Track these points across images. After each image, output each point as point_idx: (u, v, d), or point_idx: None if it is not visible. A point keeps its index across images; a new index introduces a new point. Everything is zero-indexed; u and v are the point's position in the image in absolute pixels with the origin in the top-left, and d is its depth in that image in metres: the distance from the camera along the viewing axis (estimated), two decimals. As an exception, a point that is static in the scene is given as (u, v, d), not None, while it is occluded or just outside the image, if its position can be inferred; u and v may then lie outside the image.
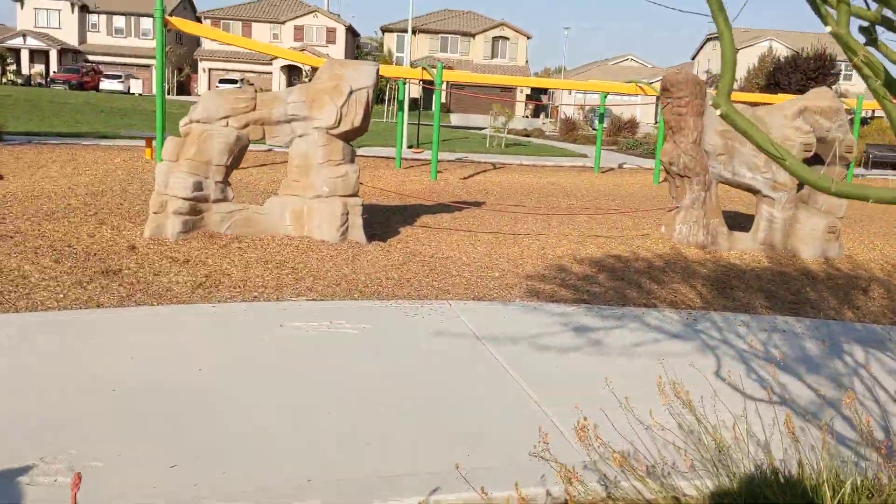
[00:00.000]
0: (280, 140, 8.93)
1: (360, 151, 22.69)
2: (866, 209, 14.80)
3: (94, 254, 7.63)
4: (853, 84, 65.23)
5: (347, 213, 8.93)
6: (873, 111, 35.09)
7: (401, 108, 19.66)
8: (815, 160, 10.19)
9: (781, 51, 62.13)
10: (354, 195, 9.03)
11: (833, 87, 52.69)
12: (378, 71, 9.01)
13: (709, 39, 75.22)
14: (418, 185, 15.42)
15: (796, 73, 53.06)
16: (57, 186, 11.66)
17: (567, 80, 28.61)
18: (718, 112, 2.19)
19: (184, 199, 8.45)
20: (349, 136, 8.99)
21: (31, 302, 6.02)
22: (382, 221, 10.72)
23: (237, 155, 8.80)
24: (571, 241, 10.16)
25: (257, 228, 8.92)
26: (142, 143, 17.82)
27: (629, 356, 5.46)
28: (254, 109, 8.77)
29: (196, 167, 8.58)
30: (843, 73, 58.95)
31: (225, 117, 8.70)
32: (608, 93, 20.94)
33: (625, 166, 23.80)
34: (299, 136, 8.90)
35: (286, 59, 23.83)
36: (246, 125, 8.78)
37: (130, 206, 10.27)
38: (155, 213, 8.57)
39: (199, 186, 8.55)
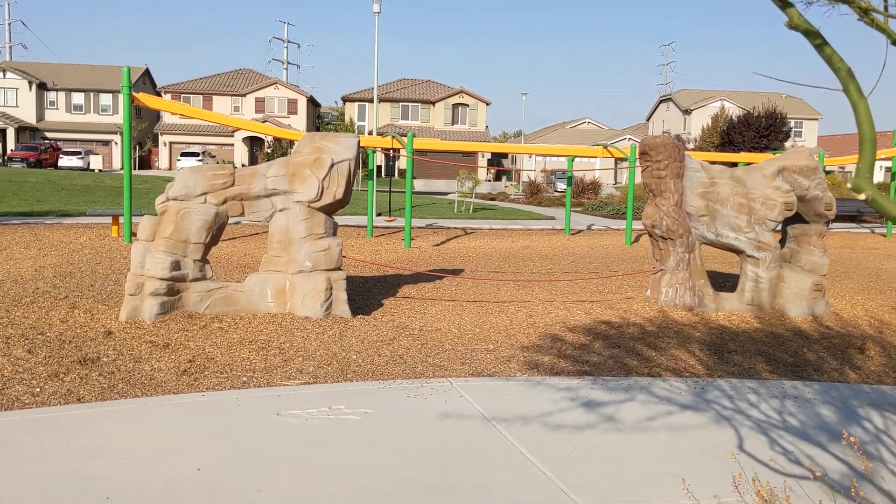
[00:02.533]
0: (260, 215, 8.71)
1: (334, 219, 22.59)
2: (841, 266, 14.92)
3: (69, 341, 7.25)
4: (803, 140, 67.32)
5: (331, 288, 8.68)
6: (832, 168, 35.99)
7: (370, 177, 19.57)
8: (795, 219, 10.23)
9: (733, 110, 63.93)
10: (338, 269, 8.79)
11: (786, 143, 54.29)
12: (359, 143, 8.88)
13: (661, 101, 77.27)
14: (393, 254, 15.23)
15: (749, 131, 54.52)
16: (23, 269, 11.24)
17: (534, 145, 28.95)
18: (862, 196, 2.00)
19: (161, 279, 8.15)
20: (331, 209, 8.80)
21: (5, 399, 5.62)
22: (363, 293, 10.47)
23: (216, 232, 8.54)
24: (558, 307, 9.99)
25: (238, 307, 8.61)
26: (107, 220, 17.44)
27: (645, 431, 5.23)
28: (232, 185, 8.56)
29: (174, 246, 8.30)
30: (793, 130, 60.65)
31: (203, 194, 8.47)
32: (575, 156, 21.13)
33: (593, 227, 23.91)
34: (280, 211, 8.68)
35: (250, 130, 23.68)
36: (224, 201, 8.55)
37: (102, 288, 9.90)
38: (131, 294, 8.23)
39: (177, 266, 8.26)
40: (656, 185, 10.18)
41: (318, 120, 70.87)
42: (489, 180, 60.24)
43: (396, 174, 59.32)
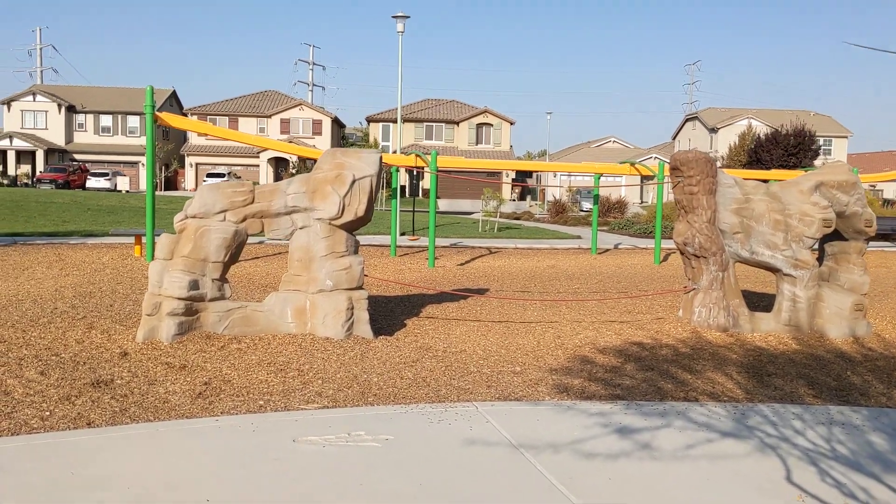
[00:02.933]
0: (280, 233, 8.50)
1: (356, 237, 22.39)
2: (879, 285, 14.44)
3: (84, 363, 7.05)
4: (833, 158, 66.38)
5: (352, 308, 8.44)
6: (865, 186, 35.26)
7: (394, 196, 19.39)
8: (834, 236, 9.85)
9: (760, 128, 63.25)
10: (359, 288, 8.55)
11: (815, 161, 53.50)
12: (381, 159, 8.67)
13: (687, 120, 76.73)
14: (417, 274, 14.98)
15: (777, 149, 53.81)
16: (43, 289, 11.13)
17: (560, 163, 28.69)
18: None
19: (179, 298, 7.95)
20: (352, 227, 8.57)
21: (13, 423, 5.41)
22: (386, 313, 10.21)
23: (235, 250, 8.34)
24: (586, 328, 9.66)
25: (257, 327, 8.39)
26: (130, 240, 17.40)
27: (684, 460, 4.90)
28: (252, 202, 8.37)
29: (192, 265, 8.11)
30: (822, 147, 59.76)
31: (222, 211, 8.29)
32: (601, 174, 20.83)
33: (621, 246, 23.53)
34: (300, 228, 8.47)
35: (275, 150, 23.75)
36: (244, 219, 8.36)
37: (121, 308, 9.74)
38: (148, 315, 8.04)
39: (195, 285, 8.06)
40: (688, 201, 9.86)
41: (343, 141, 71.16)
42: (513, 199, 59.99)
43: (420, 194, 59.28)
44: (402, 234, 24.49)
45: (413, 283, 13.57)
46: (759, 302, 11.72)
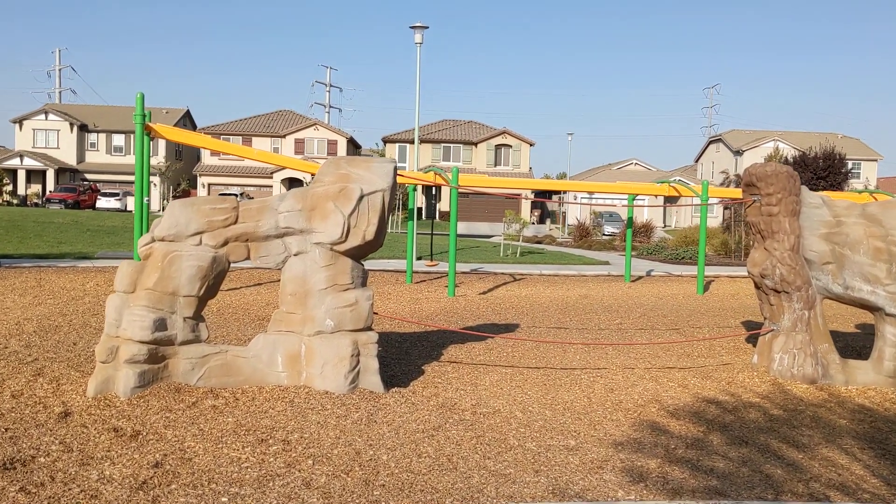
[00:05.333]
0: (270, 260, 6.87)
1: (366, 265, 20.76)
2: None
3: (7, 428, 5.42)
4: (859, 182, 64.35)
5: (358, 354, 6.77)
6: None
7: (410, 217, 17.77)
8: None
9: (787, 151, 61.41)
10: (367, 329, 6.89)
11: (843, 186, 51.56)
12: (395, 170, 7.04)
13: (710, 142, 74.92)
14: (435, 305, 13.30)
15: (806, 173, 51.83)
16: (3, 321, 9.55)
17: (589, 182, 27.10)
18: None
19: (141, 342, 6.33)
20: (360, 253, 6.93)
21: None
22: (400, 356, 8.54)
23: (213, 282, 6.71)
24: (642, 377, 7.95)
25: (240, 377, 6.74)
26: (118, 264, 15.84)
27: None
28: (235, 222, 6.75)
29: (158, 299, 6.49)
30: (851, 171, 57.66)
31: (198, 233, 6.67)
32: (636, 195, 19.13)
33: (653, 273, 21.76)
34: (295, 255, 6.84)
35: (283, 165, 22.29)
36: (225, 242, 6.74)
37: (86, 347, 8.15)
38: (103, 362, 6.42)
39: (161, 325, 6.43)
40: (766, 224, 8.16)
41: (359, 162, 69.81)
42: (533, 223, 58.31)
43: (437, 216, 57.74)
44: (419, 258, 22.86)
45: (431, 315, 11.89)
46: (842, 344, 9.95)
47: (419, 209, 54.95)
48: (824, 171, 51.93)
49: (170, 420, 5.78)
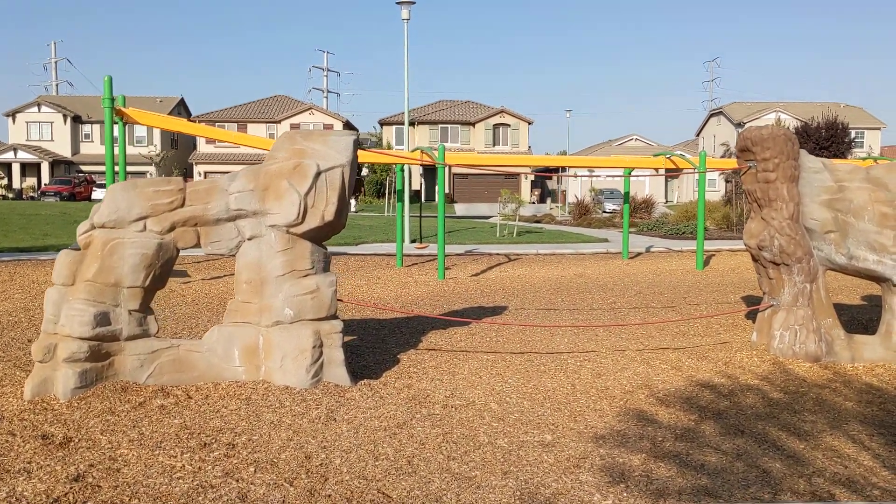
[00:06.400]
0: (222, 246, 6.32)
1: (356, 249, 20.16)
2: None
3: (-78, 439, 4.91)
4: (862, 151, 63.46)
5: (321, 345, 6.23)
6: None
7: (400, 199, 17.20)
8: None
9: (789, 121, 60.54)
10: (331, 318, 6.34)
11: (847, 155, 50.79)
12: (356, 143, 6.46)
13: (711, 115, 74.01)
14: (423, 288, 12.76)
15: (809, 143, 51.03)
16: (-44, 319, 9.04)
17: (586, 157, 26.46)
18: None
19: (81, 339, 5.80)
20: (319, 236, 6.38)
21: None
22: (376, 343, 8.02)
23: (160, 271, 6.17)
24: (633, 359, 7.41)
25: (194, 373, 6.22)
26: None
27: None
28: (182, 205, 6.20)
29: (100, 292, 5.95)
30: (854, 140, 56.67)
31: (141, 218, 6.12)
32: (632, 168, 18.50)
33: (653, 250, 21.19)
34: (249, 240, 6.29)
35: (264, 148, 21.64)
36: (172, 228, 6.19)
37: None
38: (40, 361, 5.89)
39: (103, 319, 5.90)
40: (763, 192, 7.58)
41: (356, 145, 69.13)
42: (533, 202, 57.66)
43: (436, 197, 57.21)
44: (413, 241, 22.33)
45: (416, 299, 11.35)
46: (848, 317, 9.39)
47: (416, 191, 54.37)
48: (827, 140, 51.14)
49: (109, 424, 5.26)
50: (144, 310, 6.19)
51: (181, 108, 64.69)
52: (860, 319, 9.54)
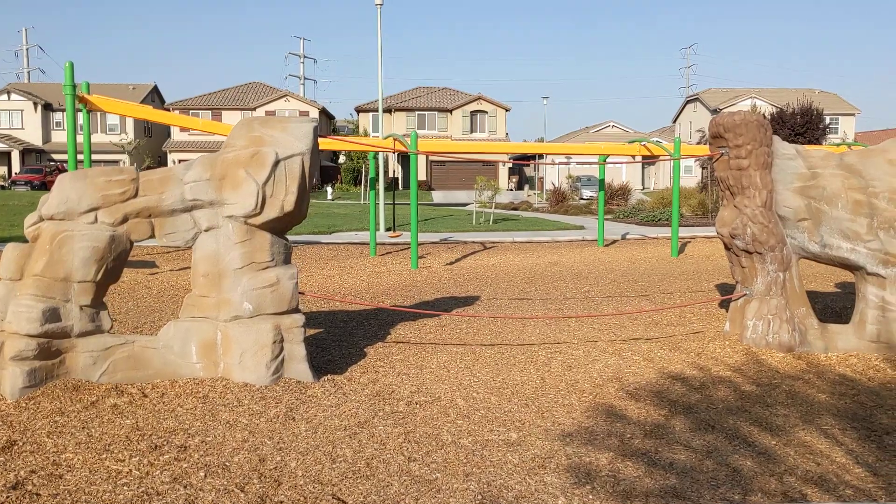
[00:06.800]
0: (178, 238, 6.08)
1: (330, 238, 19.89)
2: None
3: None
4: (837, 137, 63.87)
5: (282, 340, 6.02)
6: None
7: (372, 186, 16.95)
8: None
9: (765, 108, 60.77)
10: (292, 311, 6.13)
11: (823, 140, 51.08)
12: (316, 130, 6.23)
13: (688, 102, 74.13)
14: (396, 278, 12.56)
15: (784, 129, 51.27)
16: None
17: (561, 144, 26.26)
18: None
19: (29, 336, 5.54)
20: (279, 226, 6.15)
21: None
22: (344, 337, 7.82)
23: (112, 265, 5.92)
24: (605, 351, 7.27)
25: (150, 371, 5.98)
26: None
27: None
28: (135, 196, 5.95)
29: (49, 286, 5.70)
30: (829, 126, 56.88)
31: (92, 210, 5.87)
32: (607, 156, 18.36)
33: (629, 237, 21.11)
34: (206, 231, 6.05)
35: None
36: (125, 219, 5.94)
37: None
38: (-14, 360, 5.63)
39: (53, 315, 5.65)
40: (736, 179, 7.44)
41: (333, 133, 68.64)
42: (511, 189, 57.53)
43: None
44: (388, 229, 22.09)
45: (388, 290, 11.15)
46: (822, 305, 9.31)
47: (395, 179, 54.02)
48: (802, 127, 51.38)
49: (57, 425, 5.02)
50: (97, 305, 5.94)
51: (155, 96, 63.77)
52: (834, 307, 9.47)
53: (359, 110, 62.34)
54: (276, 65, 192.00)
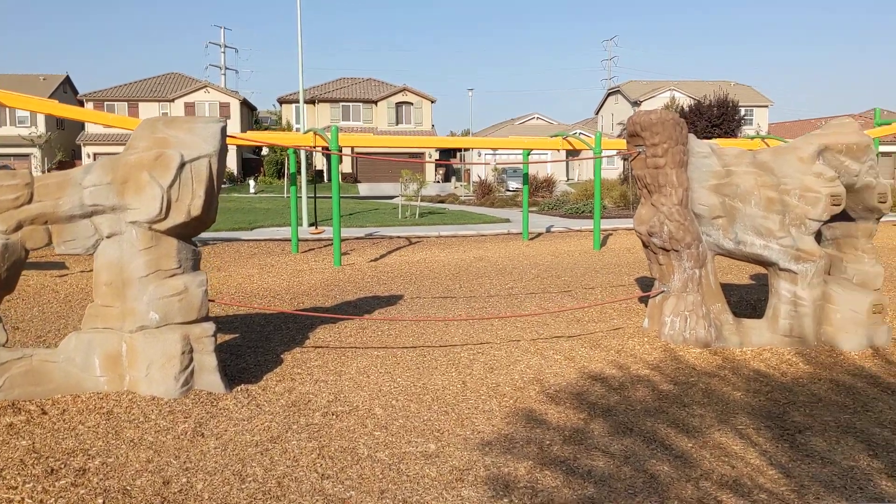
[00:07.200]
0: (78, 245, 5.75)
1: (251, 235, 19.44)
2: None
3: None
4: (751, 128, 65.94)
5: (191, 351, 5.77)
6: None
7: (293, 182, 16.60)
8: (836, 216, 7.59)
9: (683, 100, 62.22)
10: (202, 320, 5.88)
11: (738, 132, 52.64)
12: (224, 130, 5.97)
13: (609, 94, 75.36)
14: (318, 276, 12.32)
15: (701, 121, 52.69)
16: None
17: (485, 138, 26.27)
18: None
19: (-87, 354, 5.16)
20: (186, 232, 5.89)
21: None
22: (260, 343, 7.58)
23: (6, 274, 5.57)
24: (527, 351, 7.23)
25: (50, 385, 5.66)
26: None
27: None
28: (29, 201, 5.60)
29: (-66, 300, 5.31)
30: (744, 118, 58.57)
31: (-19, 217, 5.49)
32: (531, 150, 18.45)
33: (553, 229, 21.31)
34: (108, 238, 5.74)
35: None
36: (18, 226, 5.59)
37: None
38: None
39: (-61, 331, 5.27)
40: (653, 177, 7.49)
41: (256, 125, 67.22)
42: (438, 181, 57.50)
43: (341, 178, 56.25)
44: (311, 224, 21.72)
45: (309, 289, 10.90)
46: (736, 299, 9.50)
47: (319, 171, 53.32)
48: (719, 118, 52.88)
49: (-57, 450, 4.68)
50: (-11, 318, 5.57)
51: (67, 87, 61.28)
52: (749, 299, 9.67)
53: (282, 101, 61.28)
54: (196, 55, 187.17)
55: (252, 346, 7.42)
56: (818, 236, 7.87)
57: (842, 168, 7.30)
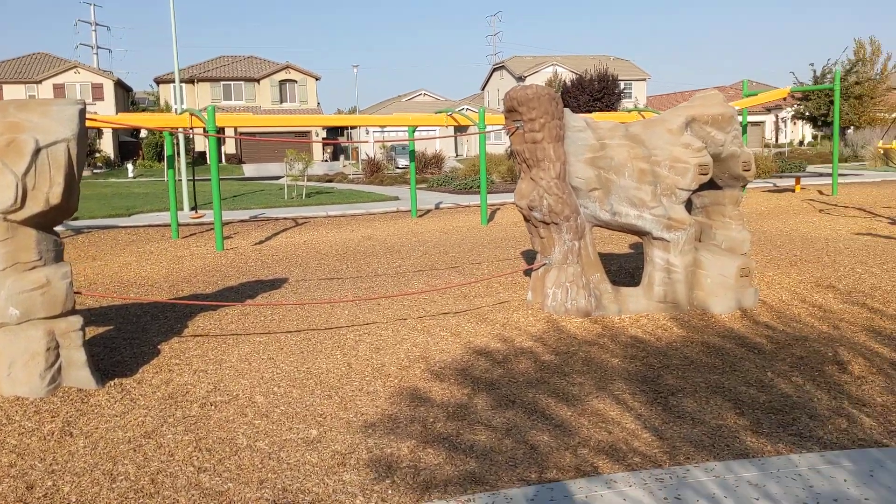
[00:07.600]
0: (-77, 240, 5.33)
1: (128, 221, 18.63)
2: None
3: None
4: (633, 101, 68.06)
5: (58, 347, 5.47)
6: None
7: (171, 165, 15.98)
8: (704, 184, 7.92)
9: (566, 75, 63.52)
10: (68, 314, 5.58)
11: (618, 105, 54.25)
12: (83, 113, 5.65)
13: (495, 70, 76.15)
14: (199, 262, 11.94)
15: (583, 95, 53.97)
16: None
17: (370, 116, 26.01)
18: None
19: None
20: (46, 221, 5.55)
21: None
22: (136, 334, 7.27)
23: None
24: (413, 329, 7.23)
25: None
26: None
27: None
28: None
29: None
30: (623, 91, 60.24)
31: None
32: (416, 126, 18.41)
33: (442, 206, 21.39)
34: (-43, 231, 5.34)
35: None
36: None
37: None
38: None
39: None
40: (531, 152, 7.58)
41: (133, 106, 64.32)
42: (326, 160, 56.73)
43: (223, 159, 54.69)
44: (193, 208, 21.01)
45: (189, 276, 10.55)
46: (614, 268, 9.80)
47: (201, 153, 51.66)
48: (600, 92, 54.24)
49: None
50: None
51: (-81, 68, 56.87)
52: (627, 268, 9.99)
53: (159, 81, 58.87)
54: (65, 33, 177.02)
55: (128, 338, 7.12)
56: (688, 205, 8.20)
57: (708, 138, 7.61)
